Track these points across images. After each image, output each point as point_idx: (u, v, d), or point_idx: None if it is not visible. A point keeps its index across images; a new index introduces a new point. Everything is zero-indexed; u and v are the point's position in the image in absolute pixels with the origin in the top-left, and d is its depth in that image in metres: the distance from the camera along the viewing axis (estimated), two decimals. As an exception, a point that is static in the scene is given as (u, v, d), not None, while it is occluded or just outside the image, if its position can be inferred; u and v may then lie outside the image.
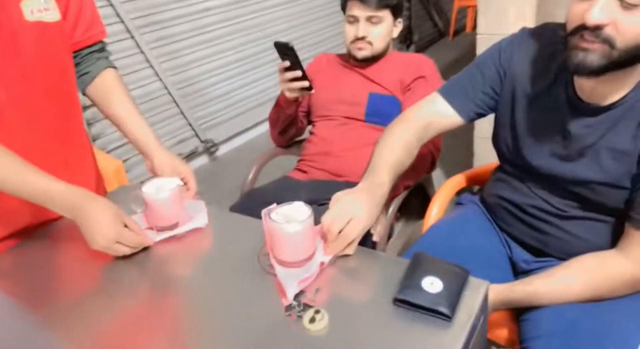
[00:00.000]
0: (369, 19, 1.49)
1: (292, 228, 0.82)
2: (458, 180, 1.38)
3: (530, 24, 1.86)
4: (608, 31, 0.79)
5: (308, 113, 1.69)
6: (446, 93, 1.11)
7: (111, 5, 2.34)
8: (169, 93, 2.72)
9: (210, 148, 3.02)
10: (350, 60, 1.61)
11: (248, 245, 0.94)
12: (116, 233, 0.89)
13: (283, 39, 1.37)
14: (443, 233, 1.17)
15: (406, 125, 1.11)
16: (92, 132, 2.40)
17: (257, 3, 3.06)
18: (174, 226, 1.01)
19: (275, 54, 1.40)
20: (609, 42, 0.80)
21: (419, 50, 4.73)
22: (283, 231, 0.83)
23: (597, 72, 0.83)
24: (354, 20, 1.50)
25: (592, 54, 0.81)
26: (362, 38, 1.50)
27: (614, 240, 0.95)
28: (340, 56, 1.68)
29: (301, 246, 0.85)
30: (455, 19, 5.13)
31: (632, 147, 0.89)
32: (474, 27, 1.88)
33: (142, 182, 1.08)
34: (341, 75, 1.62)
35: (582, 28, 0.82)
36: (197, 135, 2.94)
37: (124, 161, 2.53)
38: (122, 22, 2.41)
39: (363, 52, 1.53)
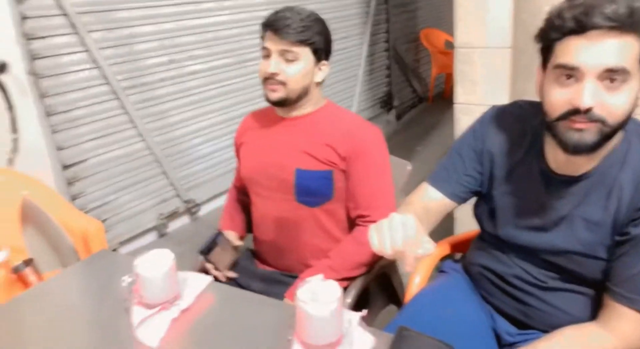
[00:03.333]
0: (282, 54, 1.26)
1: (317, 309, 0.79)
2: (441, 248, 1.38)
3: (505, 96, 1.95)
4: (597, 112, 0.83)
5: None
6: (434, 182, 1.13)
7: (98, 67, 2.39)
8: (153, 153, 2.73)
9: (191, 208, 3.00)
10: (275, 113, 1.39)
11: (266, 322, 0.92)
12: None
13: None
14: (427, 303, 1.16)
15: (409, 208, 1.09)
16: (72, 192, 2.37)
17: (242, 68, 3.15)
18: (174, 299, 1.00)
19: None
20: (601, 121, 0.84)
21: (400, 114, 4.87)
22: (306, 312, 0.79)
23: (594, 148, 0.87)
24: (267, 54, 1.29)
25: (588, 133, 0.85)
26: (272, 75, 1.27)
27: (595, 312, 0.96)
28: (267, 110, 1.44)
29: (327, 330, 0.80)
30: (434, 84, 5.35)
31: (604, 218, 0.92)
32: (451, 92, 1.97)
33: (121, 244, 1.07)
34: (267, 136, 1.41)
35: (571, 113, 0.85)
36: (179, 195, 2.93)
37: (103, 221, 2.49)
38: (109, 83, 2.45)
39: (275, 94, 1.29)
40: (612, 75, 0.82)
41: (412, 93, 5.25)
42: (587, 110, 0.83)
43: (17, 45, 2.03)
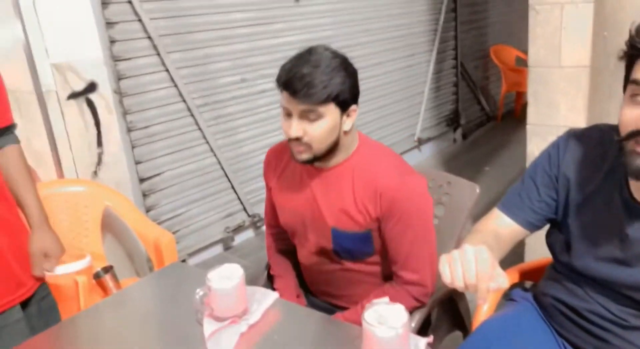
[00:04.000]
0: (303, 115, 1.12)
1: (384, 332, 0.79)
2: (511, 275, 1.33)
3: (582, 117, 1.86)
4: None
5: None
6: (506, 208, 1.10)
7: (175, 86, 2.53)
8: (222, 168, 2.84)
9: (256, 222, 3.07)
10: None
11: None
12: None
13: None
14: (495, 332, 1.12)
15: (478, 236, 1.06)
16: (147, 203, 2.51)
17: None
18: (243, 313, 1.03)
19: None
20: None
21: (467, 132, 4.77)
22: (373, 334, 0.80)
23: None
24: (287, 113, 1.15)
25: None
26: (297, 139, 1.14)
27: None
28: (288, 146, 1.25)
29: None
30: (503, 103, 5.19)
31: None
32: (522, 111, 1.92)
33: (189, 255, 1.11)
34: (298, 186, 1.28)
35: (637, 133, 0.82)
36: (245, 210, 3.01)
37: (174, 232, 2.61)
38: (184, 101, 2.58)
39: (302, 156, 1.16)
40: None
41: (480, 112, 5.12)
42: None
43: (105, 66, 2.19)
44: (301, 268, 1.47)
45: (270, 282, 1.49)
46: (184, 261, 2.64)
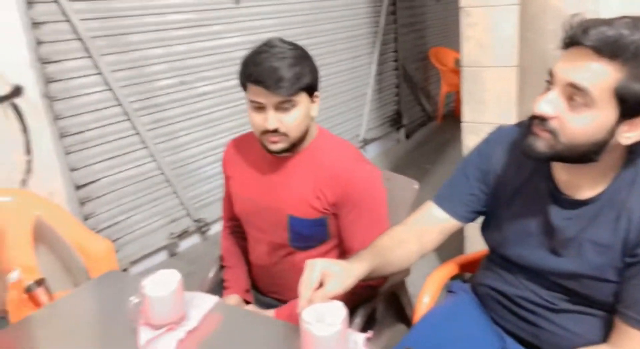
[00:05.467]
0: (279, 106, 1.15)
1: (322, 331, 0.79)
2: (450, 268, 1.37)
3: (512, 114, 1.95)
4: (553, 123, 0.85)
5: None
6: (439, 201, 1.14)
7: (110, 89, 2.43)
8: (163, 174, 2.76)
9: (202, 227, 3.01)
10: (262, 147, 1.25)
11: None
12: None
13: None
14: (436, 323, 1.15)
15: (404, 228, 1.12)
16: (85, 212, 2.40)
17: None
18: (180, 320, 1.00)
19: None
20: (553, 133, 0.86)
21: (409, 132, 4.88)
22: (310, 333, 0.79)
23: (542, 157, 0.89)
24: (259, 106, 1.17)
25: (540, 140, 0.87)
26: (275, 130, 1.17)
27: (606, 334, 0.94)
28: (251, 138, 1.32)
29: None
30: (443, 103, 5.36)
31: (613, 241, 0.90)
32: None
33: (132, 263, 1.08)
34: (256, 174, 1.32)
35: (534, 116, 0.88)
36: (189, 215, 2.94)
37: (115, 240, 2.51)
38: (120, 105, 2.49)
39: (278, 145, 1.19)
40: (574, 93, 0.82)
41: (422, 112, 5.25)
42: (543, 118, 0.85)
43: (31, 69, 2.08)
44: (251, 270, 1.46)
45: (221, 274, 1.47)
46: (125, 270, 2.55)
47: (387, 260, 1.05)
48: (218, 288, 1.46)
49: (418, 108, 5.18)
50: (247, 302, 1.42)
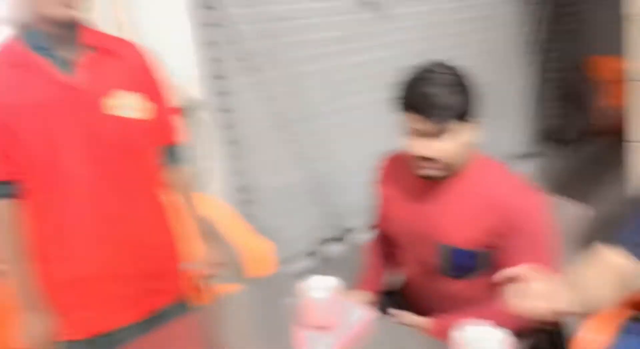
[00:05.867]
0: (433, 134, 1.12)
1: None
2: (624, 307, 1.25)
3: None
4: None
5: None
6: (626, 244, 1.01)
7: (269, 102, 2.65)
8: (316, 181, 2.91)
9: (348, 234, 3.08)
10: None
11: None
12: None
13: None
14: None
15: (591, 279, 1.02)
16: (245, 213, 2.60)
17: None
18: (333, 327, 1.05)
19: None
20: None
21: (566, 149, 4.51)
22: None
23: None
24: (417, 133, 1.14)
25: None
26: (430, 159, 1.15)
27: None
28: (405, 157, 1.24)
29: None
30: (605, 117, 4.86)
31: None
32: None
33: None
34: (410, 197, 1.28)
35: None
36: (336, 222, 3.04)
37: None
38: (279, 115, 2.70)
39: (429, 172, 1.17)
40: None
41: (581, 127, 4.83)
42: None
43: (204, 84, 2.35)
44: (405, 285, 1.46)
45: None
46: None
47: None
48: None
49: (577, 123, 4.78)
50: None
